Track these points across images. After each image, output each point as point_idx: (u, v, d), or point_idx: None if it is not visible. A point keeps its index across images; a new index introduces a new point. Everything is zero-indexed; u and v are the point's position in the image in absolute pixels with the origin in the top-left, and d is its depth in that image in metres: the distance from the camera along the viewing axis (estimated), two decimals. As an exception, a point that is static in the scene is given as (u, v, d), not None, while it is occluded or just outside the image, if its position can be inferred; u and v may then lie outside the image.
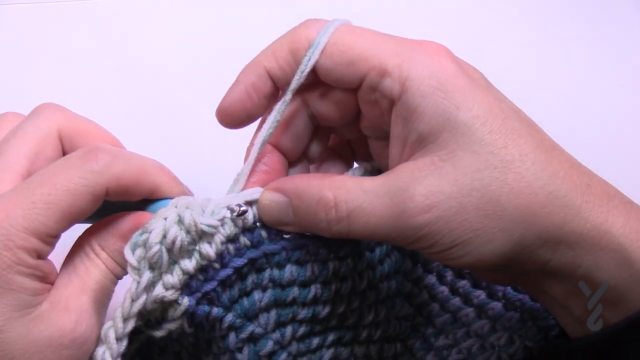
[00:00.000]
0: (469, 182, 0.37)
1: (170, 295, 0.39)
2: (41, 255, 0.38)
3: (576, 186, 0.37)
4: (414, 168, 0.38)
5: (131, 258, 0.39)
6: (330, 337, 0.45)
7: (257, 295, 0.42)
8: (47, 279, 0.39)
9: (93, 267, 0.40)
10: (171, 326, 0.41)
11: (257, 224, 0.42)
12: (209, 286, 0.41)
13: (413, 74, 0.38)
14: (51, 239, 0.38)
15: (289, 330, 0.44)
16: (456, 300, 0.48)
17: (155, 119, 0.69)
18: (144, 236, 0.39)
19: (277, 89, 0.42)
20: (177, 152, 0.67)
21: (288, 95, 0.41)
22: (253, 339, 0.43)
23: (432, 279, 0.49)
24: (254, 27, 0.73)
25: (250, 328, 0.43)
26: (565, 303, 0.40)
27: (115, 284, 0.41)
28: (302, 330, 0.44)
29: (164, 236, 0.39)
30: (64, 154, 0.43)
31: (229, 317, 0.42)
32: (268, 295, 0.43)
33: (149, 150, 0.66)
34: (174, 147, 0.67)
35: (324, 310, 0.44)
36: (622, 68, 0.73)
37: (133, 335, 0.41)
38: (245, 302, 0.42)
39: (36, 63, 0.71)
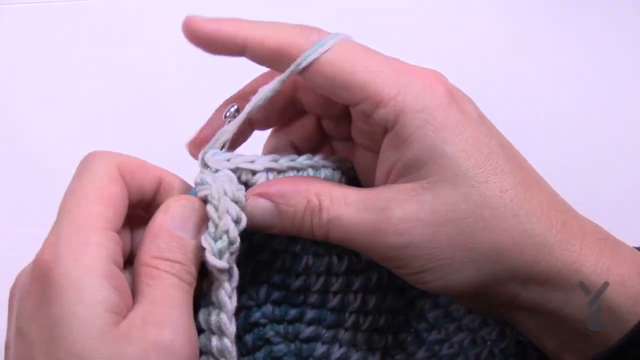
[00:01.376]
0: (445, 213, 0.38)
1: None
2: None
3: (551, 225, 0.38)
4: (396, 191, 0.39)
5: (220, 263, 0.38)
6: (309, 315, 0.45)
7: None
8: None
9: (167, 286, 0.37)
10: None
11: None
12: None
13: (407, 107, 0.39)
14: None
15: (263, 290, 0.44)
16: (448, 295, 0.48)
17: (155, 119, 0.69)
18: (225, 239, 0.38)
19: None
20: (176, 151, 0.68)
21: (277, 85, 0.42)
22: None
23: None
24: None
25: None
26: (539, 337, 0.41)
27: (191, 294, 0.38)
28: (276, 295, 0.44)
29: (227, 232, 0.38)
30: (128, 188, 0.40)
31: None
32: (243, 249, 0.42)
33: (149, 149, 0.67)
34: (173, 146, 0.68)
35: (296, 283, 0.44)
36: (623, 68, 0.73)
37: None
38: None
39: (36, 63, 0.72)
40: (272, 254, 0.44)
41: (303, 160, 0.44)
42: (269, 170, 0.43)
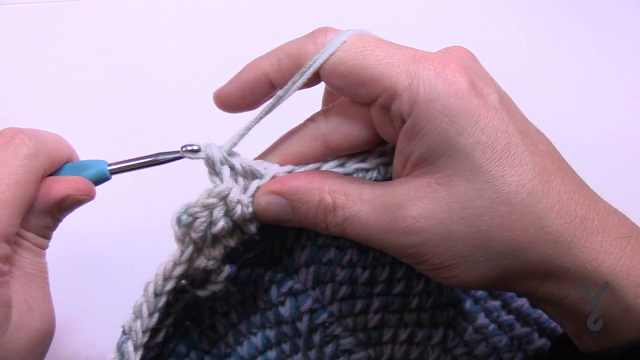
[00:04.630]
0: (460, 211, 0.37)
1: (211, 265, 0.41)
2: (8, 259, 0.38)
3: (570, 221, 0.37)
4: (410, 187, 0.39)
5: (177, 230, 0.40)
6: (376, 304, 0.46)
7: (296, 252, 0.44)
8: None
9: (25, 252, 0.40)
10: (215, 288, 0.42)
11: None
12: (250, 254, 0.42)
13: (421, 96, 0.37)
14: (13, 237, 0.38)
15: (328, 289, 0.44)
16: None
17: (155, 118, 0.69)
18: (190, 219, 0.40)
19: (274, 89, 0.42)
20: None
21: (283, 93, 0.41)
22: (293, 293, 0.44)
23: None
24: (254, 26, 0.74)
25: (290, 283, 0.44)
26: (559, 321, 0.41)
27: (44, 255, 0.42)
28: (343, 291, 0.45)
29: (211, 223, 0.40)
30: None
31: (270, 274, 0.44)
32: (306, 252, 0.44)
33: (147, 147, 0.67)
34: (172, 146, 0.68)
35: (363, 275, 0.45)
36: (624, 69, 0.73)
37: (179, 294, 0.43)
38: (285, 259, 0.44)
39: (36, 63, 0.72)
40: (338, 252, 0.44)
41: (372, 161, 0.43)
42: None
